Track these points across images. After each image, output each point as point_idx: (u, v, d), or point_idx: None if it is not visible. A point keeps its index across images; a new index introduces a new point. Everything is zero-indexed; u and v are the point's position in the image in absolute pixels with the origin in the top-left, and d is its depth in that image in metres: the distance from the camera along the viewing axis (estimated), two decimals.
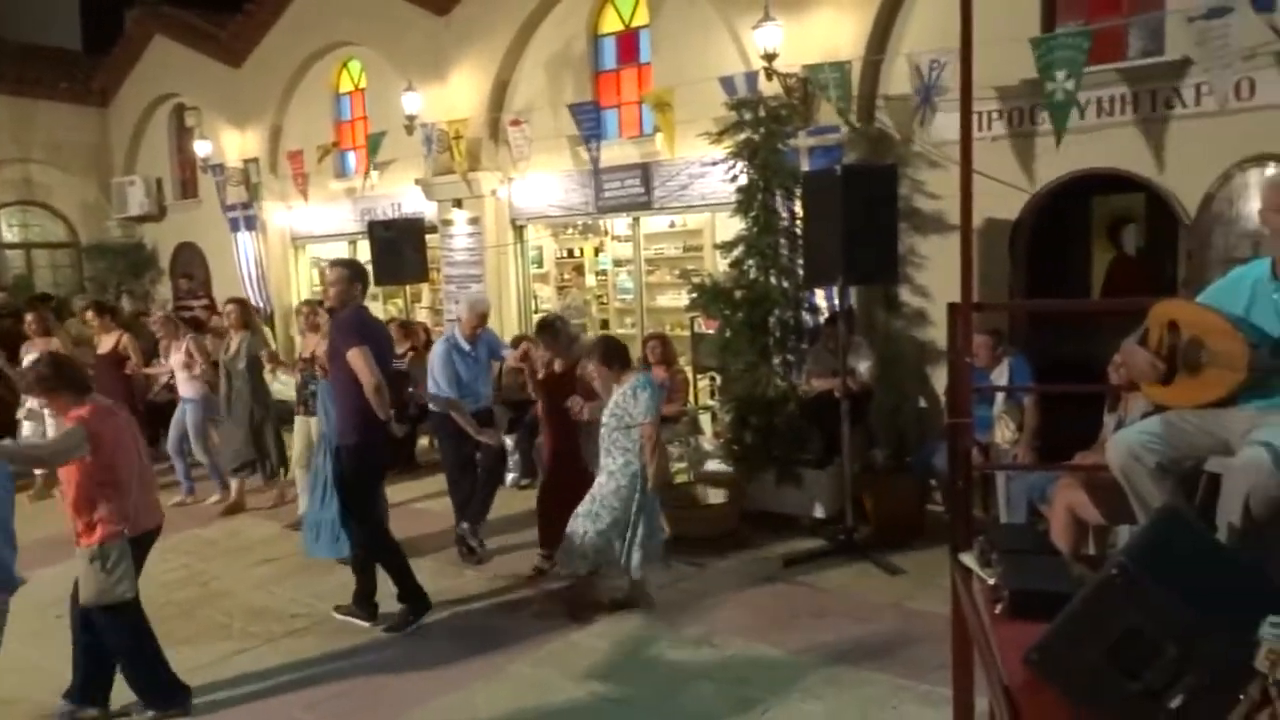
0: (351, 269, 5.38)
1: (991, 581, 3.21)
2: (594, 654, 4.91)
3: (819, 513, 6.78)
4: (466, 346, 6.43)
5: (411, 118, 10.20)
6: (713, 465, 7.38)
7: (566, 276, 11.69)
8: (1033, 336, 7.20)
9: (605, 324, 11.14)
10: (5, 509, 3.80)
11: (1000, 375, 6.35)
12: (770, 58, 7.28)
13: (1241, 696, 1.95)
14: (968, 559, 3.58)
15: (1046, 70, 6.08)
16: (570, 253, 11.67)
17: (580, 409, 5.70)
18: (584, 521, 5.28)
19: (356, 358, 4.98)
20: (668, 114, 8.21)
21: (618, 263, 11.11)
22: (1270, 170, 5.69)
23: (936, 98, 6.69)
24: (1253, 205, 5.80)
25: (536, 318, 10.17)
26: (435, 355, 6.49)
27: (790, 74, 7.39)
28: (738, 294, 6.99)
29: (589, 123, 8.94)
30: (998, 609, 3.00)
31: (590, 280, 11.57)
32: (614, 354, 5.44)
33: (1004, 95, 6.82)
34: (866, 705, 4.20)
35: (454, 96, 10.27)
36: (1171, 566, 2.26)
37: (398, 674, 4.78)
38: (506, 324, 10.14)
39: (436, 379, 6.36)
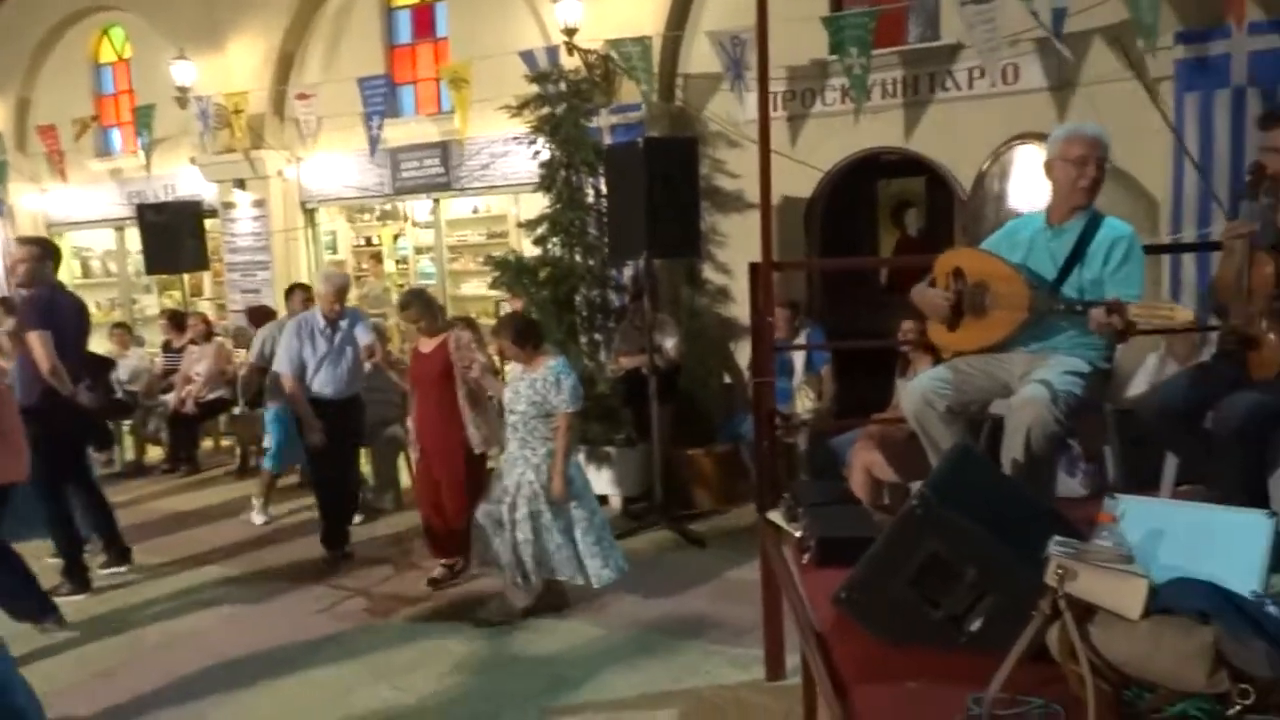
0: (41, 246, 5.47)
1: (799, 534, 3.25)
2: (401, 647, 4.63)
3: (630, 491, 6.75)
4: (322, 324, 5.80)
5: (184, 90, 9.38)
6: None
7: (364, 265, 11.15)
8: (828, 311, 7.48)
9: None
10: None
11: None
12: (571, 32, 7.18)
13: (1034, 612, 2.00)
14: (775, 516, 3.62)
15: (840, 48, 6.33)
16: (368, 240, 11.13)
17: (474, 366, 5.18)
18: (545, 531, 4.76)
19: (34, 342, 5.13)
20: (464, 91, 7.94)
21: (419, 250, 10.71)
22: (1031, 148, 6.16)
23: (745, 72, 6.79)
24: (1019, 181, 6.28)
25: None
26: (285, 330, 5.99)
27: (591, 50, 7.32)
28: (542, 273, 6.85)
29: (378, 98, 8.53)
30: (805, 559, 3.03)
31: (390, 267, 11.10)
32: (528, 332, 4.93)
33: (794, 76, 7.03)
34: (680, 672, 4.18)
35: (233, 67, 9.53)
36: (967, 497, 2.31)
37: (181, 686, 4.32)
38: None
39: (279, 355, 5.88)
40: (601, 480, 6.78)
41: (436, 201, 9.58)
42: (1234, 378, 2.78)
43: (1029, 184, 6.19)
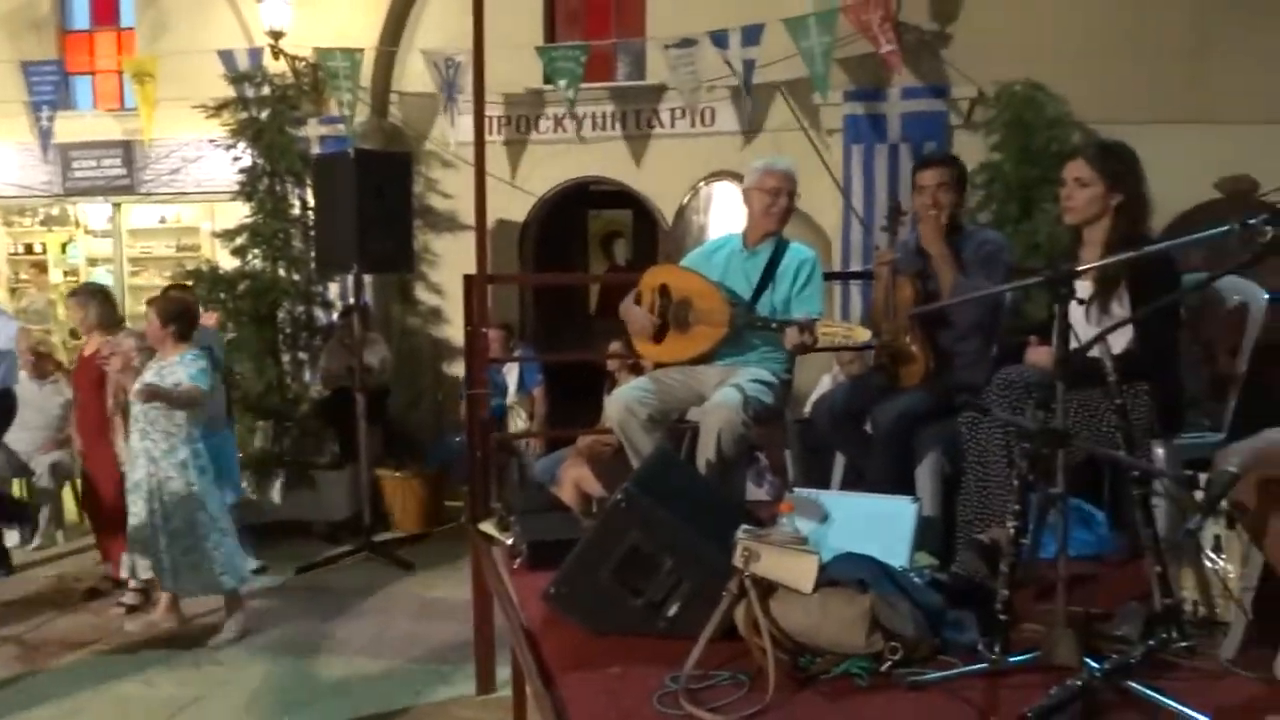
0: None
1: (509, 541, 3.30)
2: (68, 692, 4.09)
3: (335, 515, 6.47)
4: None
5: None
6: None
7: (24, 275, 9.83)
8: (540, 335, 7.64)
9: (75, 333, 9.57)
10: None
11: (512, 368, 6.65)
12: (277, 36, 6.84)
13: (725, 593, 2.19)
14: (487, 526, 3.65)
15: (553, 77, 6.57)
16: (29, 248, 9.83)
17: (112, 360, 4.65)
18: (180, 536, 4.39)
19: None
20: (148, 86, 7.31)
21: (93, 261, 9.62)
22: (725, 184, 6.73)
23: (458, 96, 6.80)
24: (716, 214, 6.83)
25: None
26: None
27: (300, 57, 7.02)
28: (241, 285, 6.43)
29: (48, 86, 7.65)
30: (516, 564, 3.08)
31: (56, 277, 9.87)
32: (180, 316, 4.41)
33: (510, 102, 7.16)
34: (390, 693, 4.06)
35: None
36: (666, 495, 2.48)
37: None
38: None
39: None
40: (304, 504, 6.45)
41: (116, 207, 8.70)
42: (886, 386, 3.21)
43: (725, 217, 6.75)
